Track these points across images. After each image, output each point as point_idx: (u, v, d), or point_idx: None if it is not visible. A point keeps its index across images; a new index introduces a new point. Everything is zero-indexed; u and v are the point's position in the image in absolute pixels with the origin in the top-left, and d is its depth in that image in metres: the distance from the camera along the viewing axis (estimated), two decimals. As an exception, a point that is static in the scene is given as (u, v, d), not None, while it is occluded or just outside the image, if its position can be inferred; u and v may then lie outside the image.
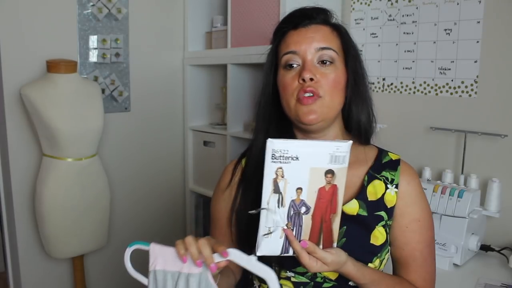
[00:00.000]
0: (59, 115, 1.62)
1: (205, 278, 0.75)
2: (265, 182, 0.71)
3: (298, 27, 0.88)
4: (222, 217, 0.98)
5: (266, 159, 0.70)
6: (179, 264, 0.75)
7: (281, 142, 0.69)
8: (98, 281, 2.10)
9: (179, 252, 0.74)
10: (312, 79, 0.83)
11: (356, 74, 0.90)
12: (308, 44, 0.85)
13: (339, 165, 0.72)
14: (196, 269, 0.75)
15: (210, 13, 2.27)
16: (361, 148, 0.95)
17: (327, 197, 0.73)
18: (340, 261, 0.76)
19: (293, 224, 0.72)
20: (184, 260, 0.74)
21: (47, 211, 1.66)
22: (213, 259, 0.73)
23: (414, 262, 0.91)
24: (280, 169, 0.70)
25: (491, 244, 1.45)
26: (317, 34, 0.86)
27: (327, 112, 0.86)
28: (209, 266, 0.73)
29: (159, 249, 0.77)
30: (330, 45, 0.86)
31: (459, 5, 1.54)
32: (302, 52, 0.86)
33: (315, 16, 0.88)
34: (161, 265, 0.76)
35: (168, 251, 0.76)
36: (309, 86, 0.83)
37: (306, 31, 0.87)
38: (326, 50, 0.86)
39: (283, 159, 0.70)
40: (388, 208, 0.90)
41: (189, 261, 0.75)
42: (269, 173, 0.70)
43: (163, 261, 0.76)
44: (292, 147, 0.70)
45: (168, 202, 2.34)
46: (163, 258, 0.76)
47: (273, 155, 0.69)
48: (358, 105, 0.91)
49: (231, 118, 2.01)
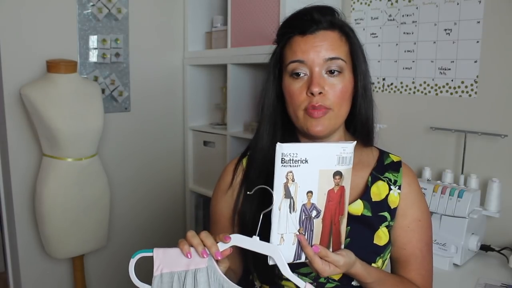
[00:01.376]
0: (59, 115, 1.62)
1: (213, 271, 0.75)
2: (276, 187, 0.70)
3: (305, 33, 0.85)
4: (224, 218, 0.97)
5: (276, 164, 0.69)
6: (185, 262, 0.75)
7: (290, 146, 0.69)
8: (98, 281, 2.10)
9: (182, 249, 0.74)
10: (321, 92, 0.83)
11: (365, 79, 0.89)
12: (316, 53, 0.84)
13: (345, 166, 0.72)
14: (202, 263, 0.74)
15: (210, 13, 2.27)
16: (364, 150, 0.96)
17: (336, 199, 0.72)
18: (351, 262, 0.76)
19: (304, 229, 0.72)
20: (189, 256, 0.74)
21: (47, 211, 1.66)
22: (217, 246, 0.73)
23: (414, 260, 0.92)
24: (290, 173, 0.69)
25: (491, 244, 1.45)
26: (325, 42, 0.84)
27: (335, 123, 0.87)
28: (214, 254, 0.73)
29: (163, 253, 0.76)
30: (339, 54, 0.85)
31: (459, 5, 1.54)
32: (310, 62, 0.84)
33: (322, 20, 0.85)
34: (168, 267, 0.75)
35: (172, 252, 0.76)
36: (318, 101, 0.83)
37: (313, 38, 0.85)
38: (335, 60, 0.84)
39: (293, 163, 0.69)
40: (391, 209, 0.92)
41: (194, 254, 0.74)
42: (279, 178, 0.70)
43: (169, 263, 0.76)
44: (301, 150, 0.69)
45: (168, 202, 2.34)
46: (168, 260, 0.76)
47: (283, 159, 0.69)
48: (365, 109, 0.91)
49: (231, 118, 2.01)
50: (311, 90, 0.83)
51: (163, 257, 0.76)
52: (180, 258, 0.75)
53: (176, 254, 0.75)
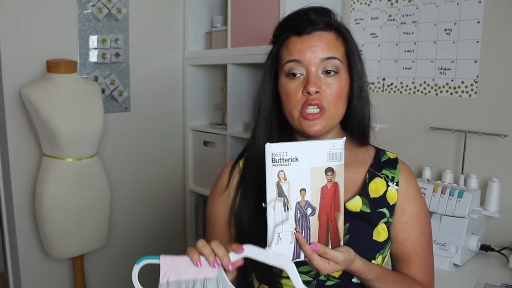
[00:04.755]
0: (59, 115, 1.62)
1: (222, 281, 0.73)
2: (268, 187, 0.71)
3: (302, 34, 0.86)
4: (220, 219, 0.97)
5: (267, 164, 0.70)
6: (193, 271, 0.73)
7: (279, 146, 0.70)
8: (98, 281, 2.10)
9: (192, 257, 0.72)
10: (318, 91, 0.84)
11: (361, 80, 0.90)
12: (312, 53, 0.84)
13: (337, 162, 0.73)
14: (212, 272, 0.73)
15: (210, 13, 2.27)
16: (360, 149, 0.96)
17: (330, 196, 0.73)
18: (350, 259, 0.76)
19: (301, 227, 0.73)
20: (199, 265, 0.73)
21: (47, 211, 1.66)
22: (229, 257, 0.73)
23: (415, 257, 0.92)
24: (282, 171, 0.70)
25: (491, 244, 1.45)
26: (321, 42, 0.85)
27: (331, 122, 0.87)
28: (225, 265, 0.72)
29: (170, 260, 0.73)
30: (335, 54, 0.85)
31: (459, 5, 1.54)
32: (306, 62, 0.85)
33: (319, 20, 0.86)
34: (175, 275, 0.73)
35: (180, 260, 0.73)
36: (314, 99, 0.84)
37: (310, 38, 0.85)
38: (331, 60, 0.85)
39: (284, 162, 0.70)
40: (390, 205, 0.92)
41: (205, 264, 0.72)
42: (271, 177, 0.71)
43: (176, 271, 0.73)
44: (291, 149, 0.71)
45: (168, 202, 2.34)
46: (176, 268, 0.73)
47: (273, 158, 0.70)
48: (361, 108, 0.91)
49: (231, 118, 2.01)
50: (307, 90, 0.83)
51: (170, 265, 0.73)
52: (188, 266, 0.73)
53: (184, 263, 0.73)
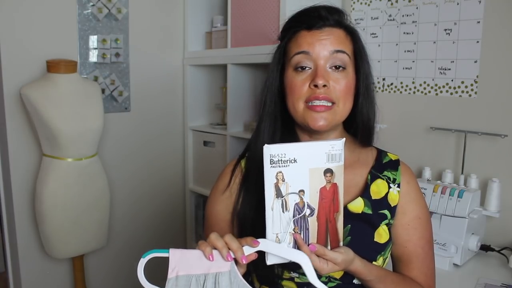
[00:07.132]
0: (59, 115, 1.62)
1: (235, 275, 0.71)
2: (266, 188, 0.71)
3: (312, 28, 0.86)
4: (220, 219, 0.96)
5: (265, 165, 0.70)
6: (205, 265, 0.71)
7: (277, 147, 0.70)
8: (98, 281, 2.10)
9: (204, 250, 0.70)
10: (325, 85, 0.83)
11: (367, 79, 0.90)
12: (321, 46, 0.84)
13: (336, 163, 0.73)
14: (225, 266, 0.71)
15: (210, 13, 2.27)
16: (362, 150, 0.96)
17: (329, 197, 0.73)
18: (349, 259, 0.76)
19: (299, 227, 0.72)
20: (212, 258, 0.70)
21: (47, 211, 1.66)
22: (243, 250, 0.71)
23: (416, 258, 0.92)
24: (280, 173, 0.70)
25: (491, 244, 1.45)
26: (331, 36, 0.85)
27: (338, 119, 0.87)
28: (239, 259, 0.70)
29: (180, 254, 0.71)
30: (344, 48, 0.85)
31: (459, 5, 1.54)
32: (315, 55, 0.84)
33: (329, 17, 0.86)
34: (185, 270, 0.71)
35: (190, 254, 0.71)
36: (322, 93, 0.83)
37: (320, 33, 0.85)
38: (340, 53, 0.84)
39: (282, 163, 0.70)
40: (391, 207, 0.92)
41: (217, 258, 0.71)
42: (269, 178, 0.71)
43: (186, 265, 0.71)
44: (289, 150, 0.71)
45: (168, 202, 2.34)
46: (185, 262, 0.71)
47: (271, 160, 0.70)
48: (367, 108, 0.91)
49: (231, 118, 2.01)
50: (315, 82, 0.82)
51: (180, 259, 0.71)
52: (199, 260, 0.71)
53: (195, 256, 0.71)
